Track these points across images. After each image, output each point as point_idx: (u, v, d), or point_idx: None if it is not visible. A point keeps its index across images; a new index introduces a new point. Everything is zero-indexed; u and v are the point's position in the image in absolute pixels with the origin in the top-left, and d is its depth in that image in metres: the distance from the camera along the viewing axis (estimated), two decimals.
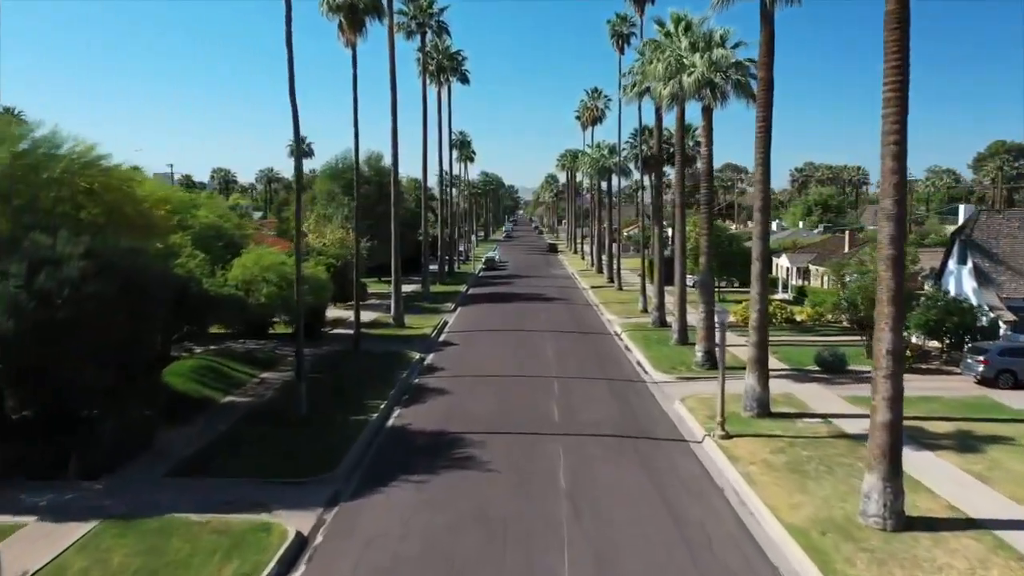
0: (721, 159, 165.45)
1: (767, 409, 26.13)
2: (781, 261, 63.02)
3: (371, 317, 48.83)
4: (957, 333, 33.69)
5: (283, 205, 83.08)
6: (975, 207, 46.21)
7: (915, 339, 34.71)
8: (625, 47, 64.02)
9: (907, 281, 36.19)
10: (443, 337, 43.97)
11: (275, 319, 37.55)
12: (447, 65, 70.79)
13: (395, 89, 45.57)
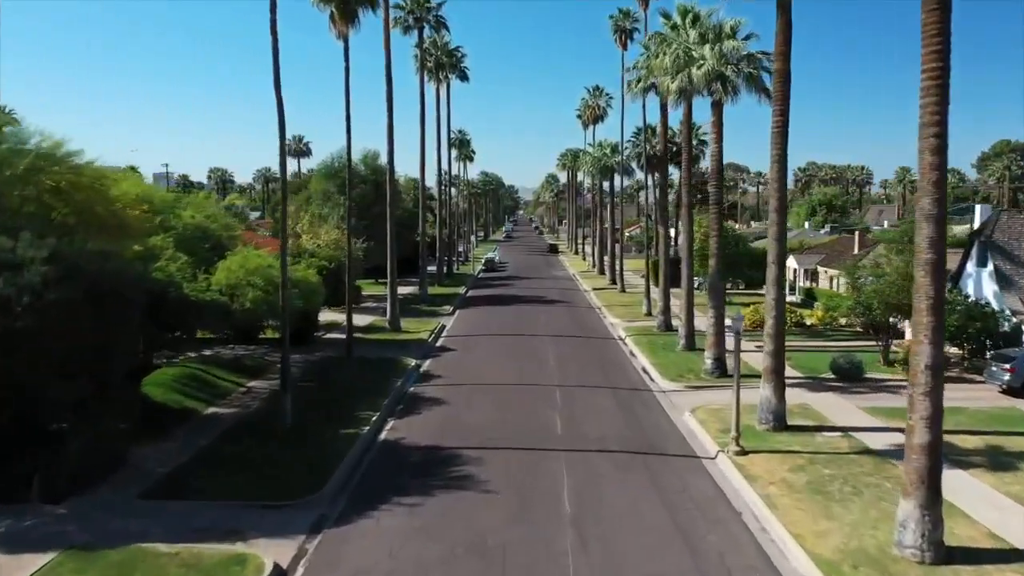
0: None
1: (783, 422, 24.56)
2: (788, 262, 61.34)
3: (366, 321, 47.26)
4: (979, 339, 32.13)
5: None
6: (991, 207, 44.52)
7: None
8: (628, 43, 62.55)
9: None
10: (440, 342, 42.40)
11: (266, 323, 35.95)
12: (446, 62, 69.19)
13: (391, 84, 44.08)
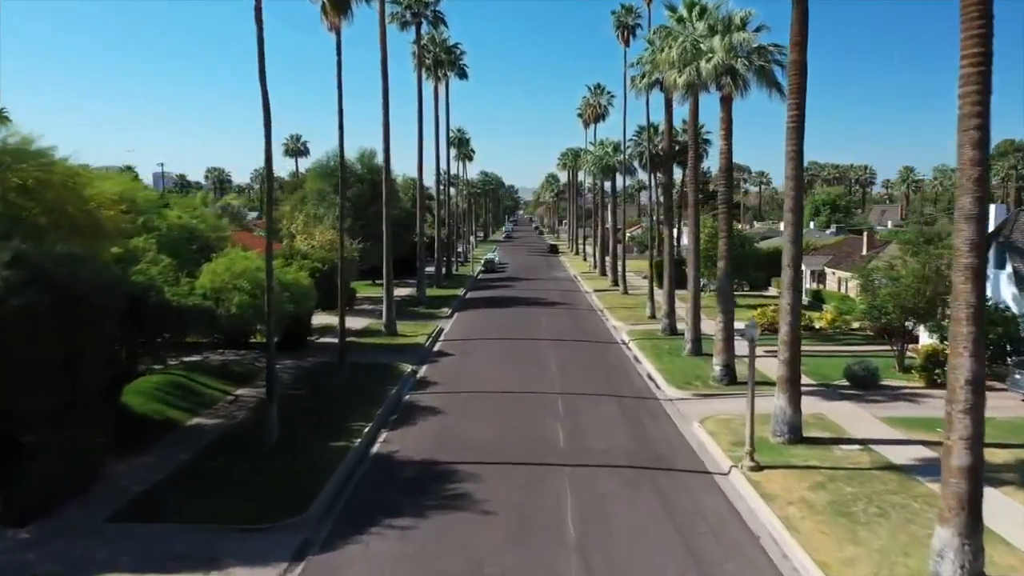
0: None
1: (799, 434, 23.20)
2: None
3: (362, 324, 45.90)
4: (999, 345, 30.74)
5: (273, 205, 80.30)
6: (1006, 208, 43.13)
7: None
8: (631, 39, 61.20)
9: (934, 284, 33.53)
10: (438, 347, 41.03)
11: (256, 328, 34.57)
12: (444, 59, 67.80)
13: (386, 79, 42.71)
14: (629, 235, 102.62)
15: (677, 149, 61.06)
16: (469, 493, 19.32)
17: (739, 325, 38.63)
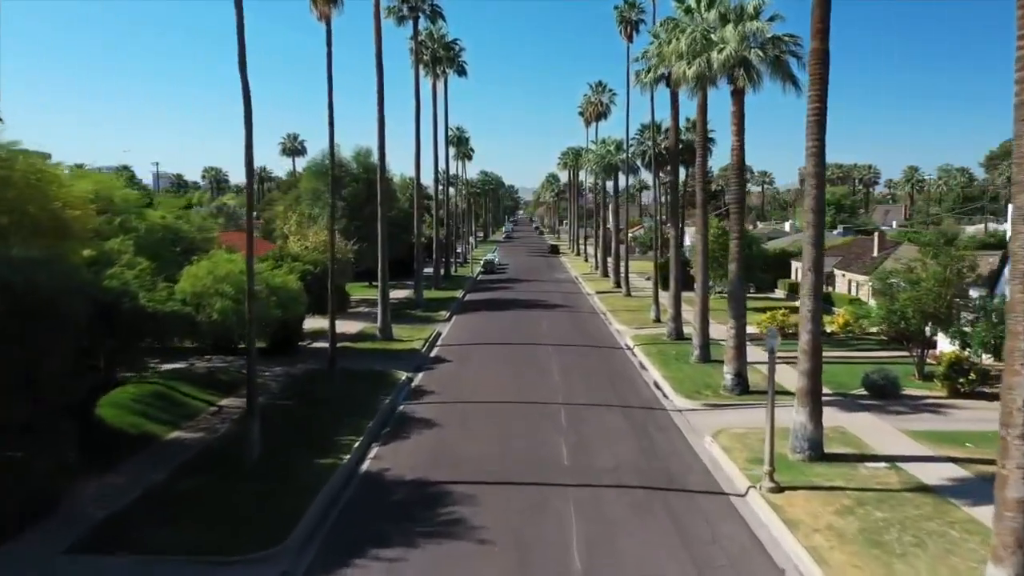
0: (723, 158, 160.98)
1: (820, 450, 21.58)
2: (803, 265, 58.39)
3: (356, 328, 44.32)
4: None
5: (267, 204, 78.39)
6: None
7: (973, 357, 30.18)
8: (634, 35, 59.64)
9: (954, 287, 31.95)
10: (435, 352, 39.41)
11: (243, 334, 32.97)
12: (443, 55, 66.14)
13: (381, 73, 41.13)
14: (631, 236, 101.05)
15: (682, 147, 59.64)
16: (465, 519, 17.71)
17: (753, 328, 37.18)
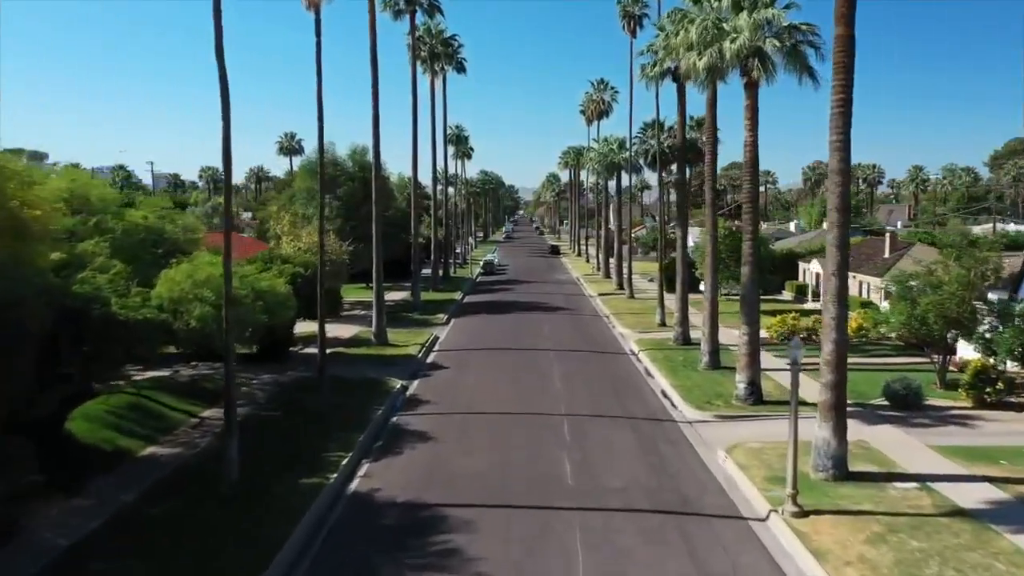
0: (727, 157, 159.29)
1: (845, 469, 19.97)
2: (811, 266, 56.83)
3: (350, 332, 42.72)
4: None
5: (261, 204, 76.87)
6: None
7: (996, 363, 28.57)
8: (637, 29, 58.20)
9: (975, 290, 30.36)
10: (431, 358, 37.80)
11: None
12: (441, 51, 64.58)
13: (376, 68, 39.57)
14: (633, 236, 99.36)
15: (687, 145, 58.03)
16: (461, 549, 16.11)
17: (765, 333, 35.58)
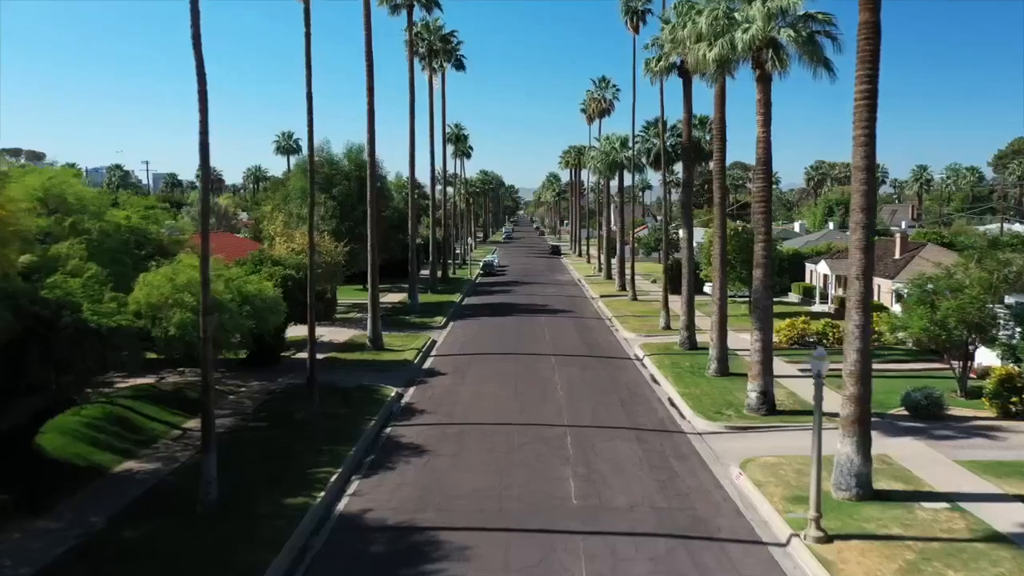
0: (731, 156, 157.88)
1: (869, 488, 18.59)
2: (819, 268, 55.48)
3: (345, 336, 41.39)
4: None
5: (256, 204, 75.54)
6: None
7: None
8: (640, 25, 56.71)
9: (998, 294, 29.05)
10: (428, 363, 36.43)
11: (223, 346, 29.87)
12: (440, 48, 63.32)
13: (371, 62, 38.18)
14: (635, 236, 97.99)
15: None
16: None
17: (774, 337, 34.31)
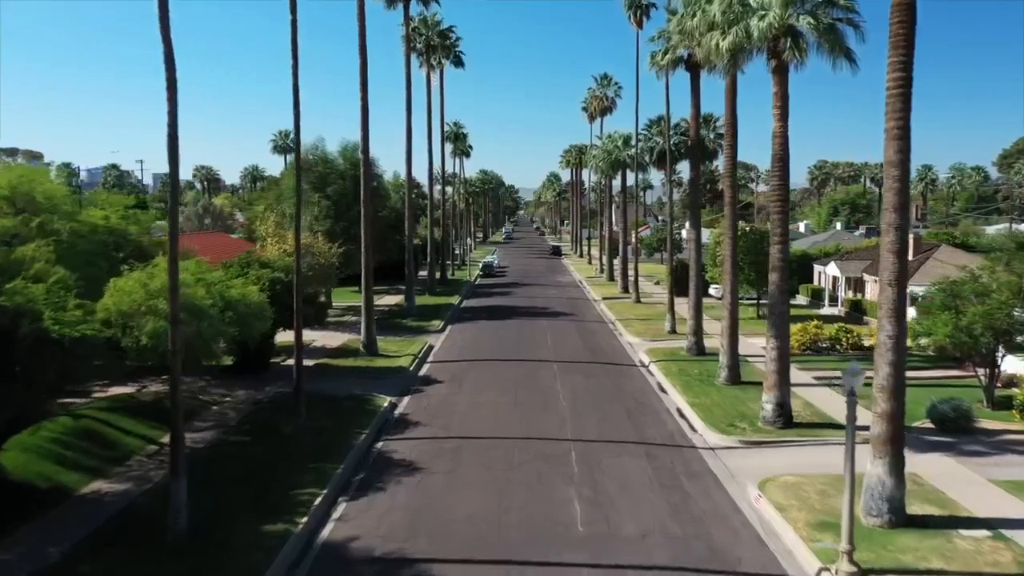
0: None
1: (903, 514, 17.02)
2: (828, 269, 53.91)
3: (338, 341, 39.80)
4: None
5: (249, 204, 73.95)
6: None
7: None
8: (644, 20, 55.07)
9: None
10: (424, 370, 34.82)
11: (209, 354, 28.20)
12: (438, 43, 61.76)
13: (364, 56, 36.67)
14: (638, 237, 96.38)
15: (691, 145, 55.04)
16: None
17: (788, 348, 32.70)
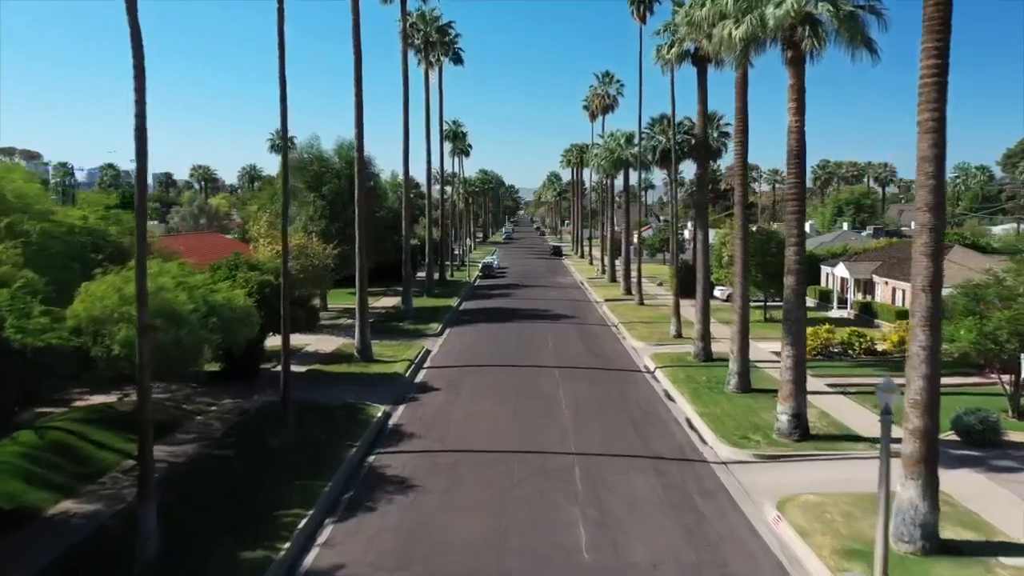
0: (732, 156, 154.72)
1: (936, 539, 15.64)
2: (837, 271, 52.51)
3: (332, 345, 38.45)
4: None
5: (242, 204, 72.63)
6: None
7: None
8: (647, 15, 53.75)
9: None
10: (421, 376, 33.45)
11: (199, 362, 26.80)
12: (436, 39, 60.47)
13: (359, 51, 35.29)
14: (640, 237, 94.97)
15: (693, 144, 53.69)
16: None
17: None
